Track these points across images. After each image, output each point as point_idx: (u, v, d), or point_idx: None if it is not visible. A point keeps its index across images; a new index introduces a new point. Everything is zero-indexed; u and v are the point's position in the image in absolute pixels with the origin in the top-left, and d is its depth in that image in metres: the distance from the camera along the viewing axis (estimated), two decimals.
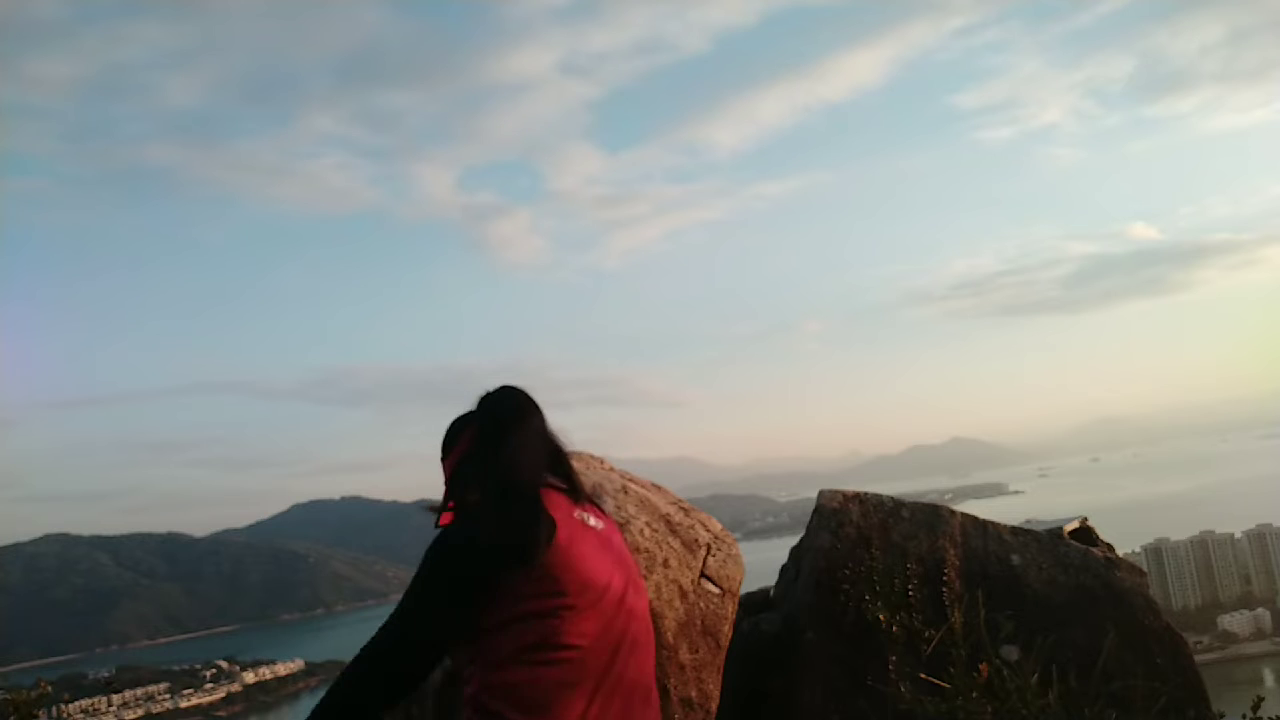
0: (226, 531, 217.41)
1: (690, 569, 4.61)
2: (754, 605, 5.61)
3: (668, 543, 4.58)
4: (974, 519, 5.55)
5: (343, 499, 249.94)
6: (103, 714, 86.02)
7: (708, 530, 4.87)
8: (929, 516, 5.47)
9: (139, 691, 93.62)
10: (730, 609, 4.74)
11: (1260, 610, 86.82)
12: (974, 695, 3.97)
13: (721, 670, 4.56)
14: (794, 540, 5.86)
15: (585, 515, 2.09)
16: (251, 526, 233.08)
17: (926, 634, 4.90)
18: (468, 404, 2.30)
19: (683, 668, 4.34)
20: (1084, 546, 5.51)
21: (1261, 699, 3.83)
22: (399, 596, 2.07)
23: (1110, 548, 5.68)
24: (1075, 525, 5.76)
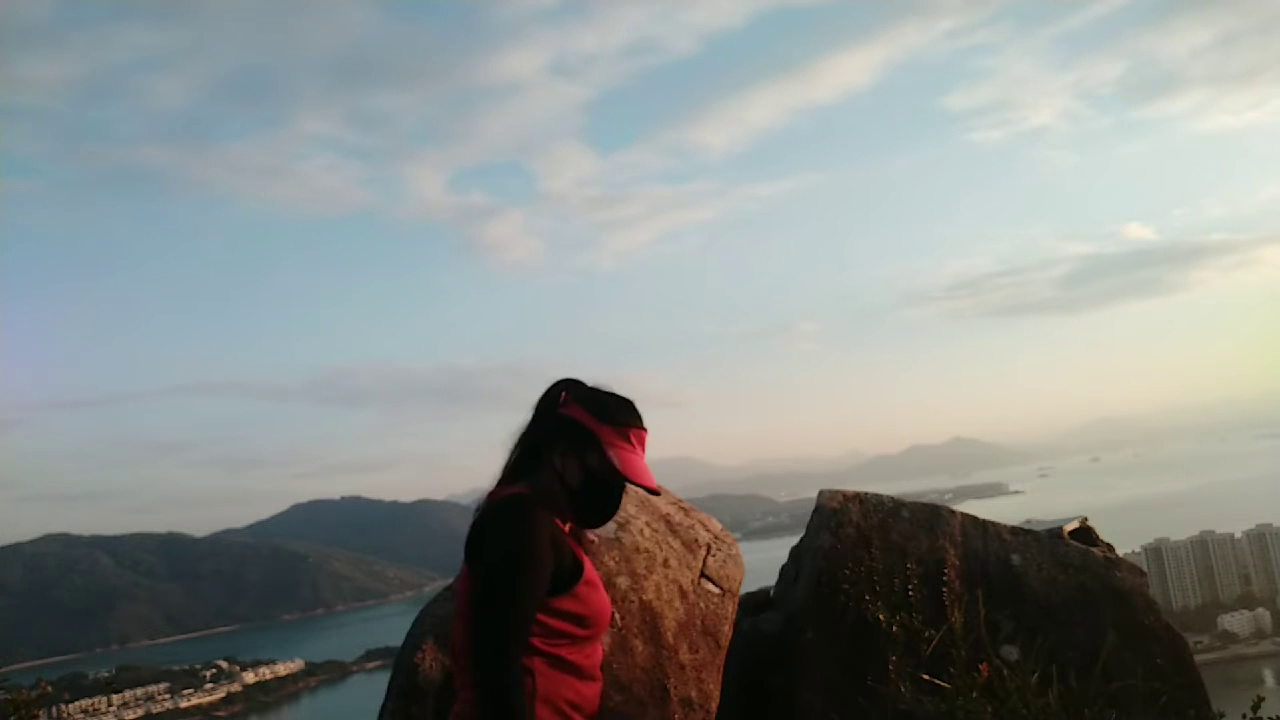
0: (226, 531, 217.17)
1: (690, 569, 4.61)
2: (754, 605, 5.61)
3: (668, 543, 4.58)
4: (974, 519, 5.55)
5: (343, 499, 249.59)
6: (103, 714, 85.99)
7: (708, 530, 4.87)
8: (929, 516, 5.47)
9: (139, 691, 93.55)
10: (730, 609, 4.74)
11: (1260, 610, 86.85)
12: (974, 695, 3.97)
13: (721, 670, 4.56)
14: (794, 540, 5.85)
15: None
16: (251, 526, 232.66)
17: (926, 634, 4.90)
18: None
19: (683, 668, 4.35)
20: (1084, 546, 5.51)
21: (1261, 699, 3.83)
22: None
23: (1110, 548, 5.67)
24: (1075, 525, 5.75)
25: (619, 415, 2.27)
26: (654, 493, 2.30)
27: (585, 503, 2.25)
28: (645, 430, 2.30)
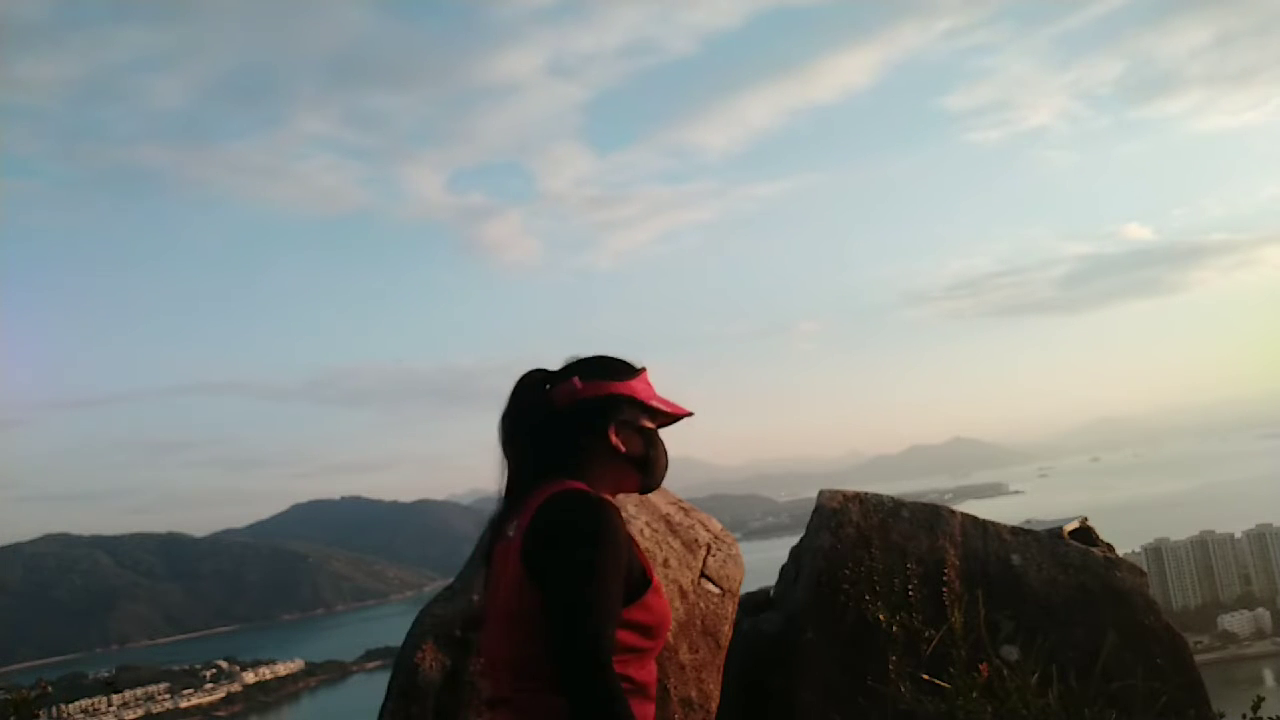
0: (226, 531, 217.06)
1: (690, 569, 4.61)
2: (754, 605, 5.61)
3: (668, 543, 4.58)
4: (974, 519, 5.56)
5: (343, 499, 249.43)
6: (103, 714, 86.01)
7: (708, 530, 4.87)
8: (929, 516, 5.47)
9: (139, 691, 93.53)
10: (730, 609, 4.74)
11: (1260, 610, 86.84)
12: (974, 695, 3.98)
13: (721, 670, 4.56)
14: (794, 540, 5.86)
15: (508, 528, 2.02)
16: (251, 526, 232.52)
17: (926, 634, 4.90)
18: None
19: (682, 668, 4.35)
20: (1084, 546, 5.51)
21: (1261, 699, 3.84)
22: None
23: (1110, 548, 5.68)
24: (1075, 525, 5.76)
25: (628, 369, 2.17)
26: (689, 415, 2.20)
27: (652, 466, 2.15)
28: (645, 369, 2.21)
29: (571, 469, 2.04)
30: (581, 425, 2.08)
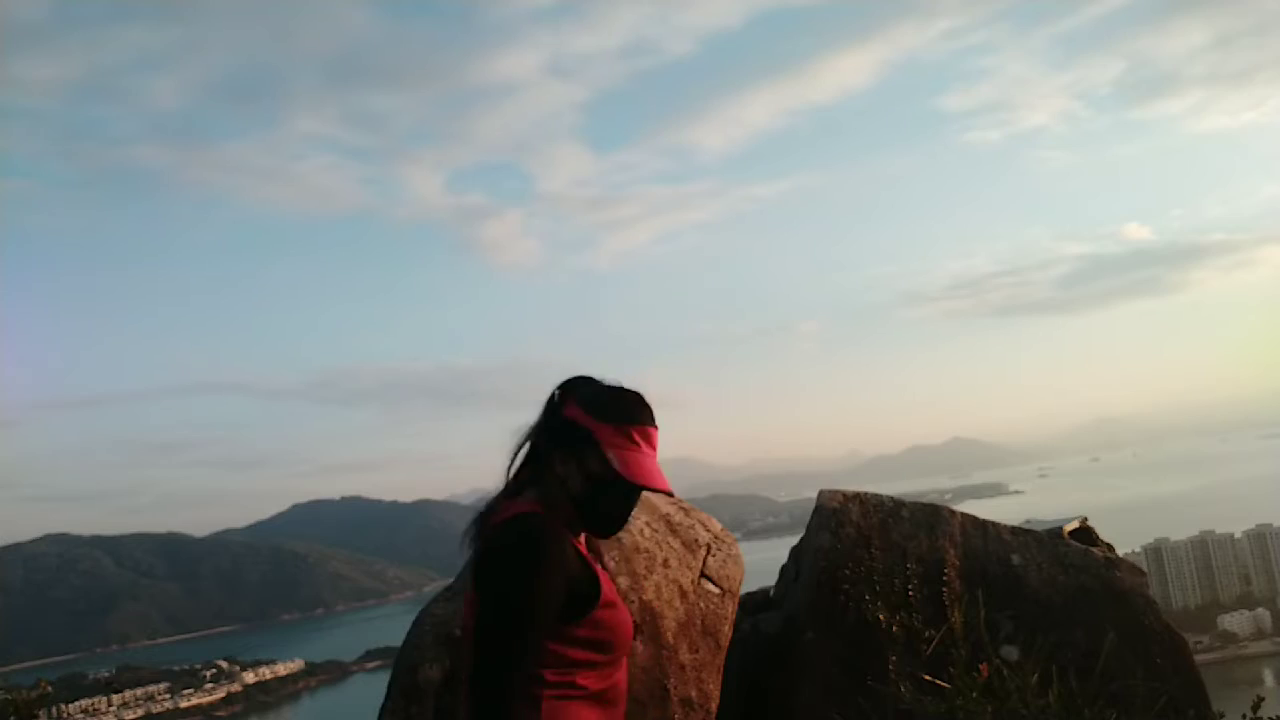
0: (226, 531, 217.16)
1: (690, 569, 4.61)
2: (754, 605, 5.62)
3: (668, 543, 4.58)
4: (974, 519, 5.56)
5: (343, 499, 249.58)
6: (103, 714, 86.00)
7: (708, 530, 4.87)
8: (929, 516, 5.47)
9: (139, 691, 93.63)
10: (730, 609, 4.74)
11: (1260, 610, 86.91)
12: (974, 695, 3.97)
13: (721, 670, 4.56)
14: (794, 540, 5.86)
15: None
16: (251, 526, 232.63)
17: (926, 634, 4.90)
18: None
19: (683, 668, 4.35)
20: (1084, 546, 5.52)
21: (1261, 699, 3.83)
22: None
23: (1110, 548, 5.68)
24: (1075, 525, 5.76)
25: (620, 412, 2.03)
26: (666, 494, 2.07)
27: (590, 511, 2.03)
28: (654, 426, 2.06)
29: (535, 484, 2.05)
30: (550, 441, 2.06)
